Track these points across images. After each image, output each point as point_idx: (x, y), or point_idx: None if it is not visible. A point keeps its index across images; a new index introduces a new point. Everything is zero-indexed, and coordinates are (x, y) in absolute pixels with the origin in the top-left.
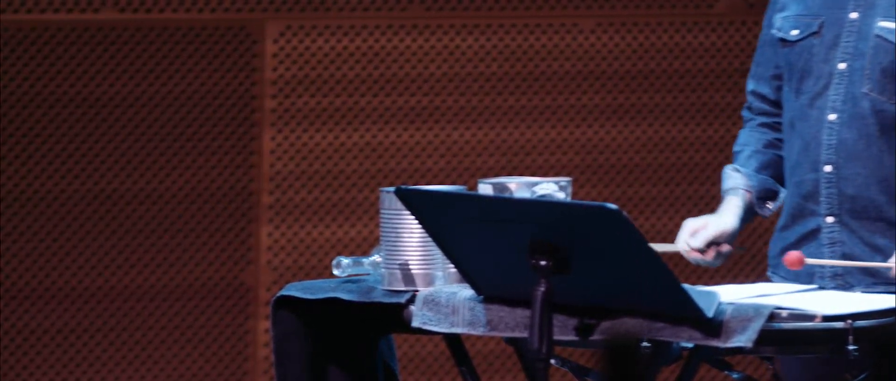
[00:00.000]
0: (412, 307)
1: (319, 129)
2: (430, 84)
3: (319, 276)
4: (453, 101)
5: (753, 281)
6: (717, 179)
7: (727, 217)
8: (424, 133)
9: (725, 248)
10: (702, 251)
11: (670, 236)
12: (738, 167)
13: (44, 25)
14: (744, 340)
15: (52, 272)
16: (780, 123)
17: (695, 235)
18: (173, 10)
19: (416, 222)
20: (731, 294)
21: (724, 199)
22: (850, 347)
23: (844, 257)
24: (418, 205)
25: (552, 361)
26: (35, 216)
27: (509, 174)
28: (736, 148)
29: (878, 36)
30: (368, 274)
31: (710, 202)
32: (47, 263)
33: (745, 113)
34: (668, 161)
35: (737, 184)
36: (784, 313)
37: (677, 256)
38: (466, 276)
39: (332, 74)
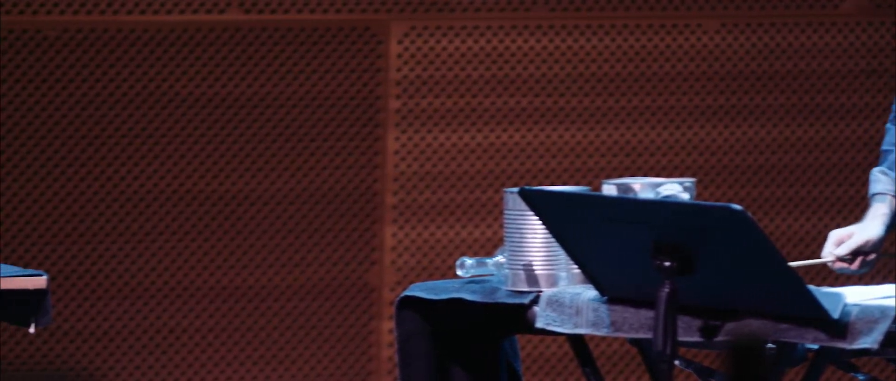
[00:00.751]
0: (536, 308)
1: (443, 129)
2: (553, 85)
3: (443, 276)
4: (577, 101)
5: (879, 283)
6: (841, 181)
7: (873, 226)
8: (548, 134)
9: (871, 256)
10: (848, 261)
11: (794, 237)
12: (885, 170)
13: (170, 27)
14: (870, 341)
15: (177, 272)
16: None
17: (840, 245)
18: (298, 10)
19: (540, 222)
20: (856, 296)
21: (870, 204)
22: None
23: None
24: (542, 206)
25: (676, 362)
26: (160, 216)
27: (633, 175)
28: (884, 147)
29: None
30: (492, 275)
31: (835, 204)
32: (173, 263)
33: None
34: (793, 162)
35: (885, 189)
36: None
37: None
38: (590, 277)
39: (457, 74)
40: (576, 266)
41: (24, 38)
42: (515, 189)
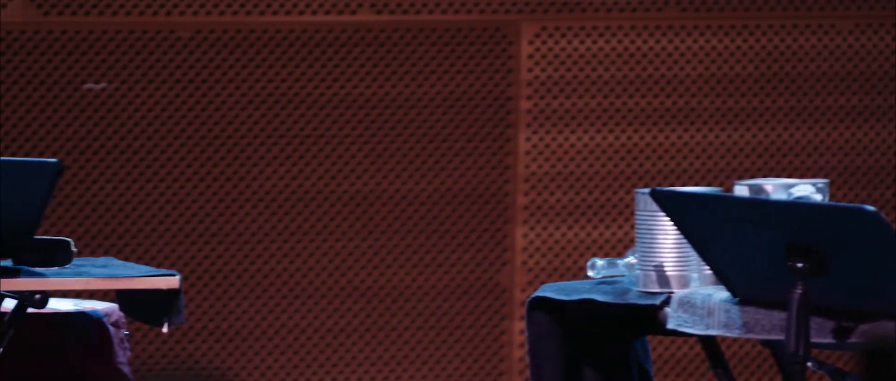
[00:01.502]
0: (667, 309)
1: (574, 130)
2: (685, 85)
3: (574, 277)
4: (709, 102)
5: None
6: None
7: None
8: (680, 134)
9: None
10: None
11: None
12: None
13: (302, 27)
14: None
15: (309, 273)
16: None
17: None
18: (429, 11)
19: (672, 223)
20: None
21: None
22: None
23: None
24: (673, 207)
25: (809, 363)
26: (292, 217)
27: (765, 176)
28: None
29: None
30: (623, 276)
31: None
32: (304, 263)
33: None
34: None
35: None
36: None
37: None
38: (722, 278)
39: (588, 75)
40: (707, 267)
41: (157, 39)
42: (647, 190)
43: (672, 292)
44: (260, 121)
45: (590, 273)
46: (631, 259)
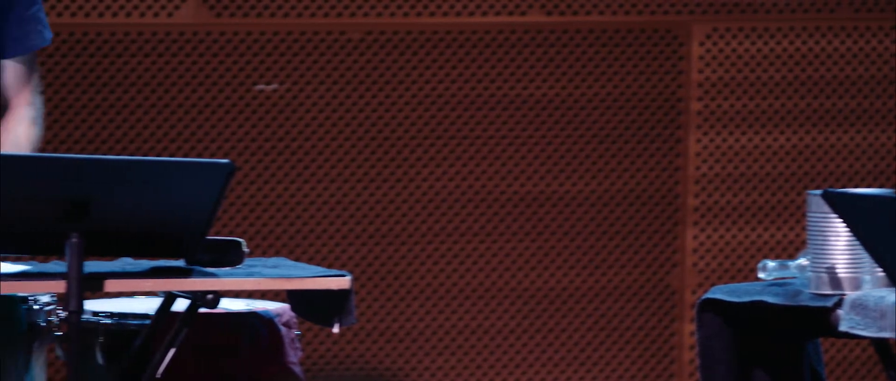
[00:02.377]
0: (839, 311)
1: (745, 131)
2: (857, 86)
3: (745, 279)
4: (881, 103)
5: None
6: None
7: None
8: (852, 136)
9: None
10: None
11: None
12: None
13: (472, 28)
14: None
15: (479, 274)
16: None
17: None
18: (599, 12)
19: (844, 225)
20: None
21: None
22: None
23: None
24: (846, 208)
25: None
26: (462, 217)
27: None
28: None
29: None
30: (795, 278)
31: None
32: (474, 264)
33: None
34: None
35: None
36: None
37: None
38: (895, 280)
39: (759, 76)
40: (880, 269)
41: (328, 40)
42: (819, 192)
43: (844, 295)
44: (430, 122)
45: (761, 275)
46: (802, 261)
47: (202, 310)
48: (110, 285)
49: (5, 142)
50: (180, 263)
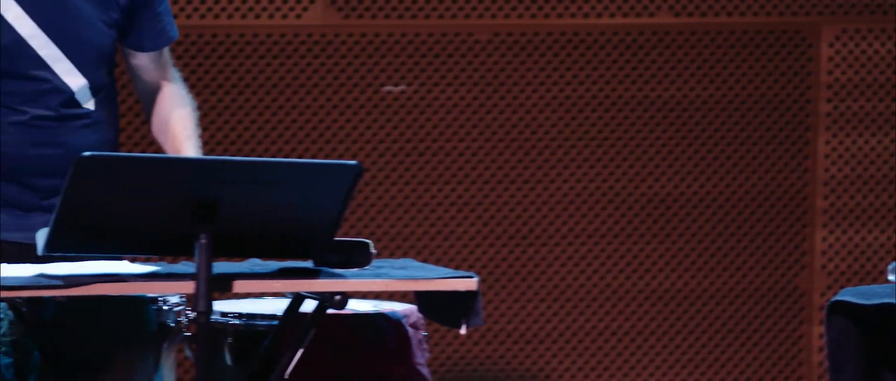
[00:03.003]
0: None
1: (875, 133)
2: None
3: (874, 281)
4: None
5: None
6: None
7: None
8: None
9: None
10: None
11: None
12: None
13: (599, 30)
14: None
15: (606, 275)
16: None
17: None
18: (728, 13)
19: None
20: None
21: None
22: None
23: None
24: None
25: None
26: (589, 219)
27: None
28: None
29: None
30: None
31: None
32: (602, 265)
33: None
34: None
35: None
36: None
37: None
38: None
39: (889, 77)
40: None
41: (455, 42)
42: None
43: None
44: (557, 123)
45: (890, 278)
46: None
47: (330, 311)
48: (239, 285)
49: (174, 118)
50: (308, 264)
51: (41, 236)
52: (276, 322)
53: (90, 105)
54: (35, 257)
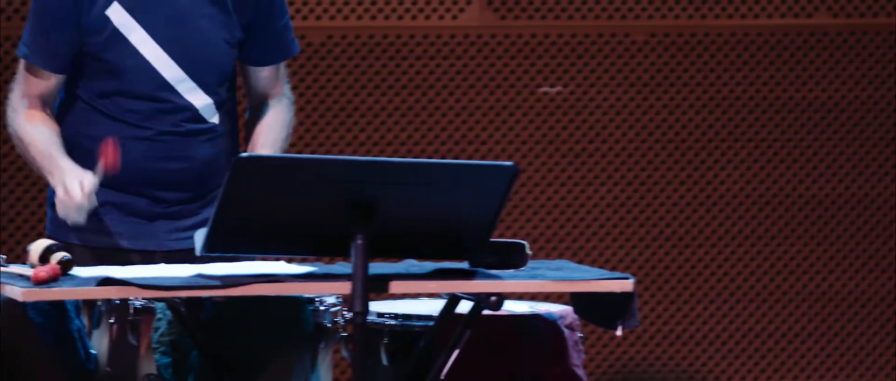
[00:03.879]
0: None
1: None
2: None
3: None
4: None
5: None
6: None
7: None
8: None
9: None
10: None
11: None
12: None
13: (757, 30)
14: None
15: (763, 277)
16: None
17: None
18: (887, 14)
19: None
20: None
21: None
22: None
23: None
24: None
25: None
26: (746, 220)
27: None
28: None
29: None
30: None
31: None
32: (758, 267)
33: None
34: None
35: None
36: None
37: None
38: None
39: None
40: None
41: (612, 43)
42: None
43: None
44: (714, 124)
45: None
46: None
47: (486, 312)
48: (395, 286)
49: (261, 131)
50: (464, 265)
51: (199, 237)
52: (432, 323)
53: (215, 120)
54: (165, 263)
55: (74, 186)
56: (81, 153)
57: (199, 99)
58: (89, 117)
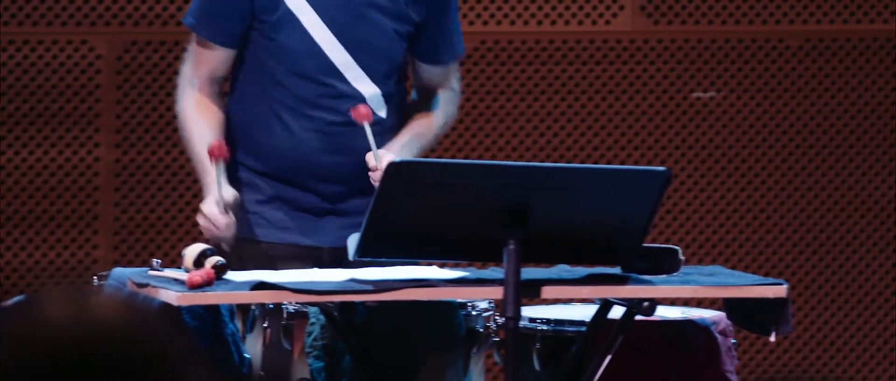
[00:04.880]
0: None
1: None
2: None
3: None
4: None
5: None
6: None
7: None
8: None
9: None
10: None
11: None
12: None
13: None
14: None
15: None
16: None
17: None
18: None
19: None
20: None
21: None
22: None
23: None
24: None
25: None
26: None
27: None
28: None
29: None
30: None
31: None
32: None
33: None
34: None
35: None
36: None
37: None
38: None
39: None
40: None
41: (765, 48)
42: None
43: None
44: (869, 129)
45: None
46: None
47: (638, 317)
48: (547, 291)
49: (414, 119)
50: (616, 270)
51: (352, 242)
52: (584, 328)
53: (382, 113)
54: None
55: (214, 214)
56: (246, 141)
57: (367, 88)
58: (256, 107)
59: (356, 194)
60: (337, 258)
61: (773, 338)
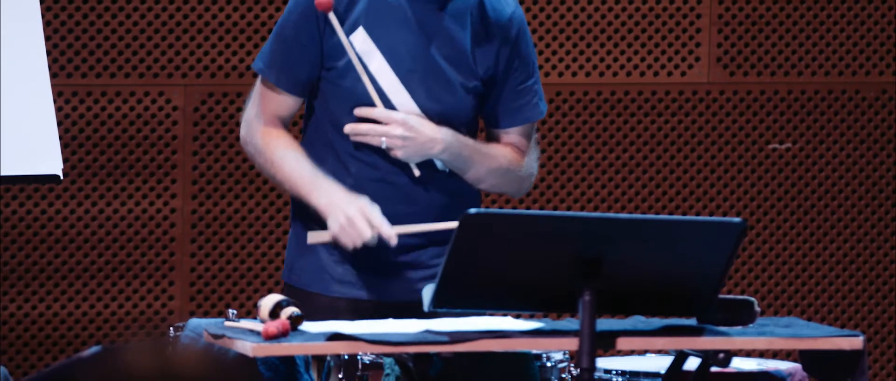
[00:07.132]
0: None
1: None
2: None
3: None
4: None
5: None
6: None
7: None
8: None
9: None
10: None
11: None
12: None
13: None
14: None
15: None
16: None
17: None
18: None
19: None
20: None
21: None
22: None
23: None
24: None
25: None
26: None
27: None
28: None
29: None
30: None
31: None
32: None
33: None
34: None
35: None
36: None
37: None
38: None
39: None
40: None
41: (842, 99)
42: None
43: None
44: None
45: None
46: None
47: (714, 369)
48: (622, 342)
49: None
50: (692, 321)
51: (427, 293)
52: (658, 380)
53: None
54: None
55: (360, 221)
56: None
57: None
58: (324, 154)
59: (423, 246)
60: (402, 313)
61: None
